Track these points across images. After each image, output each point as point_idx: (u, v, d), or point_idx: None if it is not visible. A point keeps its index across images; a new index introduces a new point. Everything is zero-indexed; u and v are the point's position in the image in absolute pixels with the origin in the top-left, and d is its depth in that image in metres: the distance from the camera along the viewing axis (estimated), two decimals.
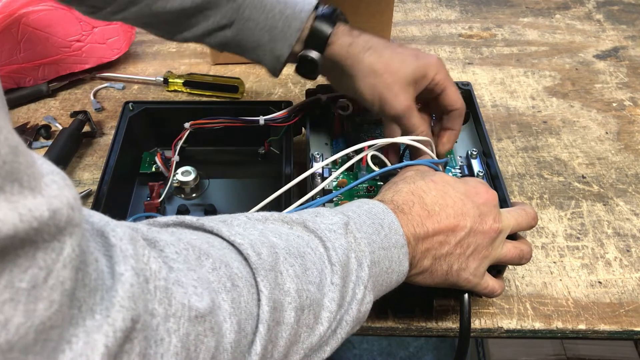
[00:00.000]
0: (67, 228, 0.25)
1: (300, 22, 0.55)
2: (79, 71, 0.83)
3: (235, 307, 0.34)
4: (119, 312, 0.26)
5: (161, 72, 0.84)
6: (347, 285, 0.40)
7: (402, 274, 0.45)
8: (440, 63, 0.57)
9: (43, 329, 0.23)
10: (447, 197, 0.47)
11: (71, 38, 0.80)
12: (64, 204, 0.24)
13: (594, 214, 0.67)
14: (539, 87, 0.85)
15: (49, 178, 0.25)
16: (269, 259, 0.37)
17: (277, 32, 0.55)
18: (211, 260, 0.35)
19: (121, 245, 0.29)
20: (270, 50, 0.57)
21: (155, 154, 0.68)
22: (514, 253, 0.50)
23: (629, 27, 0.97)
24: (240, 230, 0.38)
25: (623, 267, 0.61)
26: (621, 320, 0.57)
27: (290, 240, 0.40)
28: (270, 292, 0.36)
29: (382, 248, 0.43)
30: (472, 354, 1.24)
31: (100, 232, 0.30)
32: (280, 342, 0.36)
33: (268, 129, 0.67)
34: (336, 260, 0.40)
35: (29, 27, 0.77)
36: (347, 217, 0.43)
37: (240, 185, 0.70)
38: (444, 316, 0.56)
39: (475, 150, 0.64)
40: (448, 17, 1.00)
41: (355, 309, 0.40)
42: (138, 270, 0.29)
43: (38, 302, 0.23)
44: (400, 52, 0.56)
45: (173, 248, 0.33)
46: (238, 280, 0.35)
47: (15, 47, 0.78)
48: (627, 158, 0.74)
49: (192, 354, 0.31)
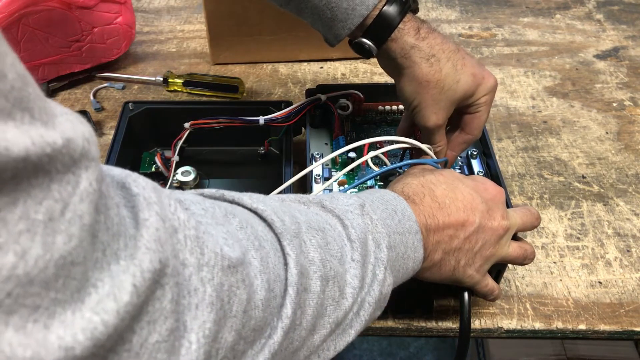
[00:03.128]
0: (82, 160, 0.24)
1: (365, 8, 0.52)
2: (79, 71, 0.83)
3: (264, 265, 0.33)
4: (146, 254, 0.26)
5: (161, 72, 0.84)
6: (366, 265, 0.40)
7: (418, 261, 0.44)
8: (493, 87, 0.55)
9: (64, 263, 0.22)
10: (457, 191, 0.47)
11: (71, 38, 0.80)
12: (79, 136, 0.24)
13: (594, 214, 0.67)
14: (539, 87, 0.85)
15: (62, 117, 0.24)
16: (292, 226, 0.37)
17: (340, 12, 0.52)
18: (238, 219, 0.34)
19: (144, 193, 0.28)
20: (329, 27, 0.54)
21: (155, 154, 0.68)
22: (518, 252, 0.50)
23: (629, 27, 0.97)
24: (262, 201, 0.38)
25: (623, 267, 0.61)
26: (621, 321, 0.56)
27: (309, 216, 0.39)
28: (298, 256, 0.35)
29: (397, 233, 0.42)
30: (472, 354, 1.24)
31: (122, 183, 0.29)
32: (308, 310, 0.36)
33: (268, 129, 0.67)
34: (355, 238, 0.40)
35: (29, 27, 0.77)
36: (362, 200, 0.43)
37: (240, 185, 0.70)
38: (444, 316, 0.56)
39: (475, 150, 0.64)
40: (448, 17, 0.99)
41: (377, 290, 0.40)
42: (163, 217, 0.28)
43: (56, 235, 0.22)
44: (460, 69, 0.53)
45: (199, 206, 0.33)
46: (264, 241, 0.35)
47: (15, 47, 0.78)
48: (627, 158, 0.74)
49: (226, 305, 0.30)
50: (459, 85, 0.53)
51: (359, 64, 0.87)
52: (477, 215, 0.46)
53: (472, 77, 0.53)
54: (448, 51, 0.53)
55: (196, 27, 0.95)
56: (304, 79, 0.85)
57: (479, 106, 0.55)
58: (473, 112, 0.56)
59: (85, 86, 0.84)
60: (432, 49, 0.53)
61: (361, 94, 0.68)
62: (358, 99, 0.68)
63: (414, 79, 0.54)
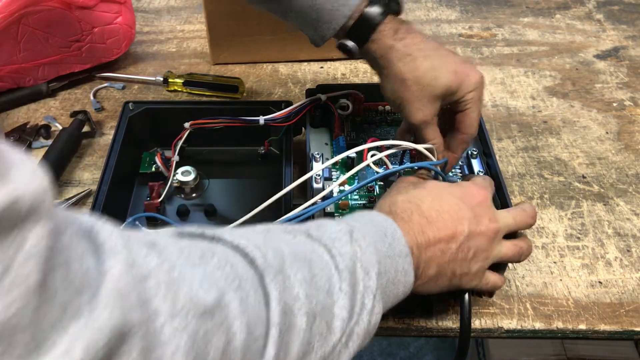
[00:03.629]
0: (29, 217, 0.23)
1: (348, 9, 0.53)
2: (79, 71, 0.83)
3: (243, 307, 0.32)
4: (105, 309, 0.25)
5: (161, 72, 0.84)
6: (355, 294, 0.39)
7: (408, 285, 0.44)
8: (479, 83, 0.55)
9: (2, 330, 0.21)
10: (443, 202, 0.47)
11: (71, 38, 0.80)
12: (29, 192, 0.23)
13: (594, 214, 0.67)
14: (539, 87, 0.85)
15: (16, 169, 0.23)
16: (275, 261, 0.36)
17: (325, 13, 0.53)
18: (216, 258, 0.33)
19: (110, 242, 0.28)
20: (315, 28, 0.55)
21: (155, 154, 0.68)
22: (513, 251, 0.50)
23: (629, 27, 0.97)
24: (244, 236, 0.37)
25: (623, 267, 0.61)
26: (621, 320, 0.56)
27: (295, 247, 0.39)
28: (280, 293, 0.34)
29: (387, 257, 0.42)
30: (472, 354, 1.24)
31: (88, 231, 0.28)
32: (293, 349, 0.35)
33: (268, 129, 0.67)
34: (343, 267, 0.39)
35: (29, 27, 0.77)
36: (351, 226, 0.42)
37: (240, 185, 0.70)
38: (444, 316, 0.56)
39: (476, 150, 0.64)
40: (448, 17, 0.99)
41: (366, 320, 0.39)
42: (131, 264, 0.27)
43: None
44: (439, 66, 0.54)
45: (174, 247, 0.32)
46: (244, 281, 0.33)
47: (15, 47, 0.78)
48: (627, 158, 0.74)
49: (202, 353, 0.29)
50: (438, 81, 0.53)
51: (359, 64, 0.87)
52: (465, 223, 0.46)
53: (453, 74, 0.54)
54: (426, 49, 0.54)
55: (196, 27, 0.95)
56: (304, 79, 0.85)
57: (467, 103, 0.55)
58: (463, 110, 0.56)
59: (86, 86, 0.84)
60: (408, 48, 0.54)
61: (361, 94, 0.68)
62: (358, 99, 0.68)
63: (391, 78, 0.55)
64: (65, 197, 0.67)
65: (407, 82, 0.54)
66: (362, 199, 0.60)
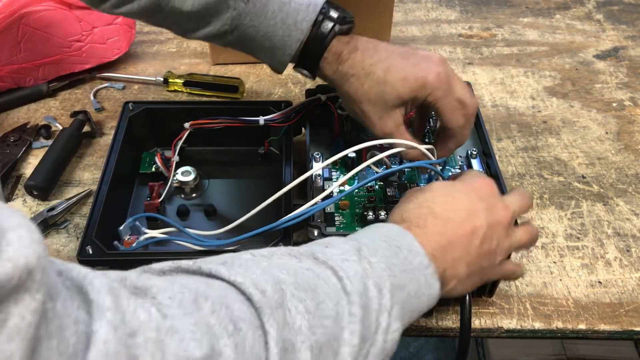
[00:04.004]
0: (12, 294, 0.22)
1: (301, 33, 0.54)
2: (79, 71, 0.83)
3: (239, 352, 0.31)
4: None
5: (161, 72, 0.84)
6: (369, 315, 0.38)
7: (433, 296, 0.43)
8: (435, 81, 0.53)
9: None
10: (455, 199, 0.47)
11: (71, 38, 0.81)
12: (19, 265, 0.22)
13: (594, 214, 0.67)
14: (539, 87, 0.85)
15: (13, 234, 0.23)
16: (275, 295, 0.34)
17: (277, 40, 0.54)
18: (210, 302, 0.32)
19: (98, 299, 0.27)
20: (271, 57, 0.56)
21: (155, 154, 0.68)
22: (527, 236, 0.50)
23: (629, 27, 0.97)
24: (242, 270, 0.36)
25: (623, 267, 0.61)
26: (621, 320, 0.57)
27: (299, 274, 0.37)
28: (279, 331, 0.33)
29: (404, 271, 0.41)
30: (472, 354, 1.24)
31: (80, 287, 0.28)
32: None
33: (268, 129, 0.67)
34: (352, 289, 0.38)
35: (29, 27, 0.77)
36: (359, 243, 0.41)
37: (240, 185, 0.70)
38: (444, 316, 0.56)
39: (475, 150, 0.64)
40: (448, 17, 1.00)
41: (381, 340, 0.38)
42: (117, 323, 0.27)
43: None
44: (384, 78, 0.53)
45: (166, 293, 0.31)
46: (241, 322, 0.33)
47: (15, 47, 0.78)
48: (627, 158, 0.74)
49: None
50: (387, 93, 0.53)
51: None
52: (482, 216, 0.46)
53: (401, 82, 0.53)
54: (370, 65, 0.54)
55: None
56: (304, 79, 0.84)
57: (431, 104, 0.54)
58: (434, 110, 0.55)
59: (86, 86, 0.84)
60: (352, 69, 0.54)
61: None
62: None
63: (344, 99, 0.57)
64: (65, 197, 0.67)
65: (357, 102, 0.55)
66: (362, 198, 0.60)
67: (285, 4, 0.53)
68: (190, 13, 0.54)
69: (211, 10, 0.54)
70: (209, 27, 0.56)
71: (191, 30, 0.57)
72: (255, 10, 0.53)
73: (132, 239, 0.57)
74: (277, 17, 0.53)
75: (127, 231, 0.57)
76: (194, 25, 0.56)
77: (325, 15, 0.54)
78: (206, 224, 0.63)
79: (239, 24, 0.55)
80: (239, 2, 0.53)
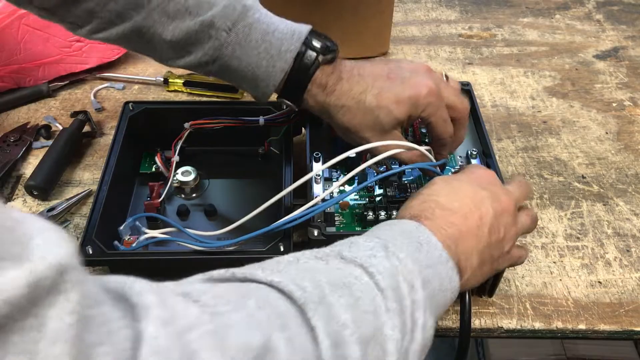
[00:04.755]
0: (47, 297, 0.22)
1: (285, 62, 0.53)
2: (79, 71, 0.83)
3: (291, 348, 0.31)
4: None
5: (161, 72, 0.84)
6: (404, 311, 0.37)
7: (455, 290, 0.43)
8: (428, 97, 0.53)
9: None
10: (459, 190, 0.47)
11: (71, 38, 0.81)
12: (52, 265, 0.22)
13: (594, 214, 0.67)
14: (539, 87, 0.85)
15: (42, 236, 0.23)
16: (315, 291, 0.34)
17: (262, 71, 0.53)
18: (254, 300, 0.32)
19: (142, 300, 0.27)
20: (255, 87, 0.55)
21: (155, 154, 0.68)
22: (530, 221, 0.51)
23: (629, 27, 0.97)
24: (276, 272, 0.35)
25: (623, 267, 0.61)
26: (621, 320, 0.57)
27: (330, 273, 0.37)
28: (326, 325, 0.32)
29: (428, 266, 0.41)
30: (472, 354, 1.24)
31: (120, 295, 0.28)
32: None
33: (268, 129, 0.67)
34: (385, 285, 0.37)
35: (29, 27, 0.77)
36: (384, 240, 0.41)
37: (240, 185, 0.70)
38: (444, 316, 0.56)
39: (475, 150, 0.64)
40: (448, 17, 1.00)
41: (420, 337, 0.37)
42: (166, 319, 0.26)
43: None
44: (376, 105, 0.53)
45: (209, 295, 0.31)
46: (288, 319, 0.32)
47: (15, 47, 0.78)
48: (627, 158, 0.74)
49: None
50: (383, 118, 0.54)
51: None
52: (487, 203, 0.46)
53: (395, 105, 0.53)
54: (359, 94, 0.54)
55: None
56: None
57: (427, 118, 0.55)
58: (428, 124, 0.56)
59: (86, 86, 0.84)
60: (340, 100, 0.54)
61: None
62: None
63: (339, 129, 0.57)
64: (65, 197, 0.67)
65: (355, 132, 0.55)
66: (362, 199, 0.60)
67: (269, 34, 0.52)
68: (170, 42, 0.53)
69: (192, 39, 0.53)
70: (189, 57, 0.54)
71: (171, 59, 0.56)
72: (237, 40, 0.52)
73: (132, 239, 0.57)
74: (261, 47, 0.52)
75: (127, 231, 0.57)
76: (174, 54, 0.55)
77: (307, 46, 0.53)
78: (206, 224, 0.63)
79: (220, 54, 0.53)
80: (221, 32, 0.52)
